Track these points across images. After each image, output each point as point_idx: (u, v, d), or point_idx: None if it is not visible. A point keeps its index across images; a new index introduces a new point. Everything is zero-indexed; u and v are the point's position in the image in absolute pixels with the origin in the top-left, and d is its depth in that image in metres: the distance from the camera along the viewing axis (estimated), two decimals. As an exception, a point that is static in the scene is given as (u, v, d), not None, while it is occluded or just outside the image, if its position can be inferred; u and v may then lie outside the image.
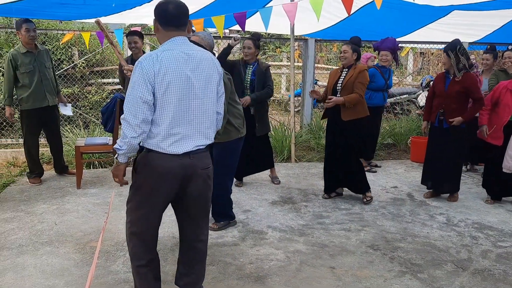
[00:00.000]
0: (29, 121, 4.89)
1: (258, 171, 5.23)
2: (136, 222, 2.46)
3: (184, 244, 2.61)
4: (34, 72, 4.77)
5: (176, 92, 2.25)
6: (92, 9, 5.42)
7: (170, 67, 2.23)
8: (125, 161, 2.38)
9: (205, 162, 2.45)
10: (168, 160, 2.32)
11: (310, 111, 7.54)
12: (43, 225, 3.90)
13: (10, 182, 5.05)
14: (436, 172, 4.75)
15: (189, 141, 2.34)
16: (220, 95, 2.54)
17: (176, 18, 2.33)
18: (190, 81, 2.29)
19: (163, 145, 2.30)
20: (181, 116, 2.29)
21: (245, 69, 4.82)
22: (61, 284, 2.94)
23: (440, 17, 6.77)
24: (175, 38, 2.33)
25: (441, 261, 3.41)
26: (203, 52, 2.41)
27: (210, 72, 2.39)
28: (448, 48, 4.47)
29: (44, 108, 4.89)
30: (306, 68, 7.42)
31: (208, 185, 2.50)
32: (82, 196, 4.66)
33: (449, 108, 4.53)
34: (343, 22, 6.76)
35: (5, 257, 3.30)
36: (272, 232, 3.88)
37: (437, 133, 4.70)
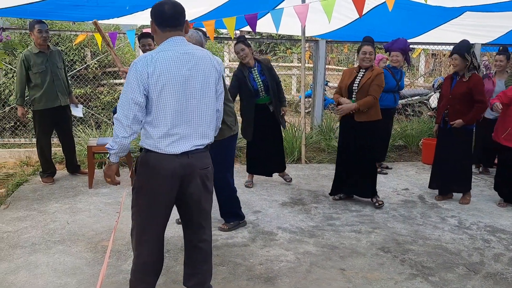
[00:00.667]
0: (42, 121, 4.95)
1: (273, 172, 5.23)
2: (141, 224, 2.45)
3: (187, 244, 2.61)
4: (46, 72, 4.83)
5: (172, 93, 2.26)
6: (105, 10, 5.48)
7: (165, 67, 2.24)
8: (116, 161, 2.41)
9: (204, 162, 2.45)
10: (166, 160, 2.32)
11: (321, 112, 7.52)
12: (55, 224, 3.94)
13: (23, 181, 5.12)
14: (444, 173, 4.71)
15: (187, 141, 2.34)
16: (220, 93, 2.54)
17: (172, 18, 2.33)
18: (187, 81, 2.29)
19: (161, 146, 2.31)
20: (179, 116, 2.30)
21: (251, 74, 4.73)
22: (73, 283, 2.97)
23: (452, 18, 6.72)
24: (171, 39, 2.34)
25: (452, 264, 3.38)
26: (200, 51, 2.40)
27: (207, 70, 2.39)
28: (464, 50, 4.37)
29: (56, 108, 4.95)
30: (317, 69, 7.40)
31: (206, 185, 2.49)
32: (94, 195, 4.70)
33: (453, 109, 4.51)
34: (354, 23, 6.75)
35: (18, 255, 3.34)
36: (282, 233, 3.88)
37: (443, 135, 4.68)
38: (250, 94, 4.75)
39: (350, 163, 4.54)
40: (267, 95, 4.83)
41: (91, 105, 7.33)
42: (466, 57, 4.37)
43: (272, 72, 4.87)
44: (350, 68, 4.60)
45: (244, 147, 6.65)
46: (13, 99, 4.78)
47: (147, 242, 2.46)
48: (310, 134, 7.09)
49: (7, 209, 4.27)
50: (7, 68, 6.83)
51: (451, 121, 4.53)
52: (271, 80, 4.79)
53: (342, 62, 16.06)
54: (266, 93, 4.82)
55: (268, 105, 4.89)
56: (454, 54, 4.45)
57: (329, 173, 5.81)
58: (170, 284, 2.98)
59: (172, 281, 3.02)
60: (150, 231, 2.45)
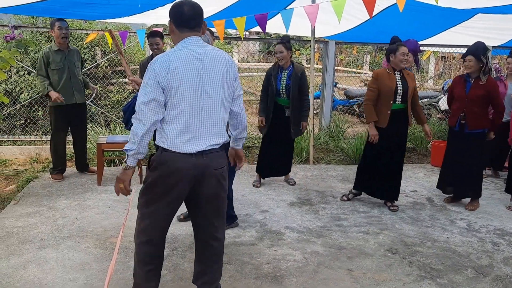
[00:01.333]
0: (57, 117, 5.01)
1: (277, 175, 5.27)
2: (145, 218, 2.47)
3: (199, 243, 2.62)
4: (64, 70, 4.93)
5: (187, 92, 2.27)
6: (117, 9, 5.51)
7: (181, 67, 2.26)
8: (134, 164, 2.36)
9: (219, 162, 2.44)
10: (181, 159, 2.33)
11: (329, 114, 7.51)
12: (64, 220, 3.97)
13: (33, 178, 5.16)
14: (457, 177, 4.65)
15: (202, 140, 2.35)
16: (238, 95, 2.54)
17: (191, 19, 2.35)
18: (202, 81, 2.30)
19: (176, 144, 2.31)
20: (194, 115, 2.30)
21: (279, 74, 4.88)
22: (81, 278, 2.99)
23: (463, 20, 6.67)
24: (188, 39, 2.35)
25: (461, 266, 3.36)
26: (217, 51, 2.41)
27: (223, 71, 2.39)
28: (480, 52, 4.30)
29: (72, 105, 5.01)
30: (326, 70, 7.39)
31: (222, 185, 2.49)
32: (103, 193, 4.73)
33: (471, 112, 4.43)
34: (364, 24, 6.73)
35: (28, 250, 3.37)
36: (290, 233, 3.88)
37: (458, 138, 4.60)
38: (272, 92, 4.88)
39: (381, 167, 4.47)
40: (288, 99, 4.89)
41: (100, 104, 7.38)
42: (482, 59, 4.30)
43: (300, 81, 4.86)
44: (383, 70, 4.40)
45: (252, 147, 6.67)
46: (42, 90, 4.86)
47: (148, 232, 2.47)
48: (318, 135, 7.08)
49: (17, 204, 4.32)
50: (18, 65, 6.90)
51: (468, 124, 4.45)
52: (294, 87, 4.83)
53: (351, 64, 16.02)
54: (288, 97, 4.89)
55: (285, 108, 4.93)
56: (469, 55, 4.37)
57: (337, 174, 5.81)
58: (178, 282, 2.99)
59: (179, 278, 3.03)
60: (153, 223, 2.45)
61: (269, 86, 4.91)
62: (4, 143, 6.58)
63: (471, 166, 4.55)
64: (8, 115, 6.85)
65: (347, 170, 5.95)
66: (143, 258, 2.52)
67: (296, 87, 4.85)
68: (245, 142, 6.64)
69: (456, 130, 4.59)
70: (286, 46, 4.78)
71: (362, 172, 4.63)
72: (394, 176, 4.50)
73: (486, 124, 4.49)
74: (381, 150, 4.44)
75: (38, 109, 7.02)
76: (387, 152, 4.43)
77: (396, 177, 4.53)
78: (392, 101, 4.32)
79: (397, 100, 4.32)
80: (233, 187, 5.07)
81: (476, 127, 4.46)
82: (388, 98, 4.31)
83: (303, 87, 4.90)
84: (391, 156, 4.44)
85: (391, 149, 4.43)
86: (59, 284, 2.90)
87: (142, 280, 2.55)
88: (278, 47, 4.81)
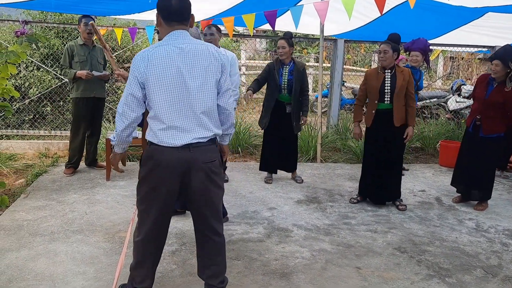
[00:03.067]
0: (77, 109, 5.10)
1: (282, 169, 5.29)
2: (142, 214, 2.49)
3: (198, 236, 2.62)
4: (86, 63, 5.04)
5: (167, 87, 2.29)
6: (126, 5, 5.53)
7: (160, 62, 2.27)
8: (119, 151, 2.56)
9: (207, 156, 2.42)
10: (167, 152, 2.34)
11: (337, 112, 7.50)
12: (74, 214, 4.00)
13: (42, 172, 5.20)
14: (468, 178, 4.62)
15: (187, 133, 2.34)
16: (225, 89, 2.49)
17: (179, 12, 2.35)
18: (182, 75, 2.30)
19: (161, 138, 2.34)
20: (176, 109, 2.32)
21: (281, 69, 4.91)
22: (91, 271, 3.01)
23: (473, 19, 6.62)
24: (173, 33, 2.36)
25: (470, 266, 3.35)
26: (201, 45, 2.39)
27: (207, 65, 2.37)
28: (509, 58, 4.14)
29: (92, 98, 5.08)
30: (334, 68, 7.37)
31: (212, 178, 2.45)
32: (112, 188, 4.75)
33: (487, 116, 4.36)
34: (373, 22, 6.70)
35: (38, 243, 3.40)
36: (298, 230, 3.88)
37: (472, 140, 4.54)
38: (275, 87, 4.91)
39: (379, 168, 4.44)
40: (289, 95, 4.90)
41: (109, 99, 7.41)
42: (510, 65, 4.14)
43: (302, 77, 4.91)
44: (373, 69, 4.45)
45: (259, 145, 6.67)
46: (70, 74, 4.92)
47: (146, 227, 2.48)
48: (326, 134, 7.07)
49: (26, 198, 4.35)
50: (27, 60, 6.94)
51: (483, 127, 4.39)
52: (296, 83, 4.86)
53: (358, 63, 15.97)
54: (288, 93, 4.91)
55: (286, 104, 4.94)
56: (496, 60, 4.23)
57: (344, 173, 5.80)
58: (186, 276, 3.00)
59: (188, 273, 3.04)
60: (149, 218, 2.46)
61: (270, 80, 4.91)
62: (13, 137, 6.63)
63: (485, 170, 4.49)
64: (17, 110, 6.89)
65: (354, 169, 5.93)
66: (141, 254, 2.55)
67: (299, 83, 4.88)
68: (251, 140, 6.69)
69: (471, 131, 4.53)
70: (288, 42, 4.81)
71: (362, 175, 4.62)
72: (390, 176, 4.46)
73: (501, 129, 4.38)
74: (373, 150, 4.45)
75: (46, 104, 7.06)
76: (378, 152, 4.41)
77: (392, 177, 4.48)
78: (377, 101, 4.30)
79: (385, 100, 4.28)
80: (241, 184, 5.11)
81: (490, 132, 4.39)
82: (373, 98, 4.32)
83: (304, 83, 4.96)
84: (384, 156, 4.39)
85: (380, 149, 4.39)
86: (69, 277, 2.93)
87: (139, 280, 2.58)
88: (280, 42, 4.84)
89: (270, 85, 4.95)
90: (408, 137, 4.32)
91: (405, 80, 4.24)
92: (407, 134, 4.31)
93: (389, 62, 4.25)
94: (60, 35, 7.25)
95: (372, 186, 4.53)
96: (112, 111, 7.29)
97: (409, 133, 4.31)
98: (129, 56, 7.83)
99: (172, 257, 3.24)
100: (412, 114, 4.32)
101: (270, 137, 5.11)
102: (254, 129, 7.10)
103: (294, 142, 5.22)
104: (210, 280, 2.62)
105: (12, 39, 6.89)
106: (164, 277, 2.98)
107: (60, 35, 7.25)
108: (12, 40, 6.86)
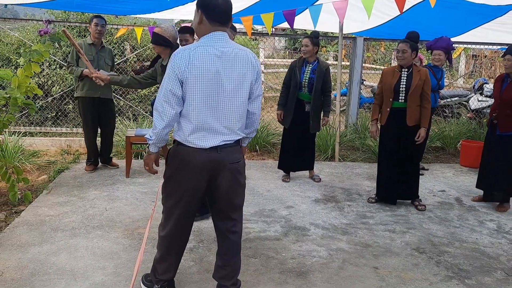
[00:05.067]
0: (83, 109, 5.13)
1: (299, 169, 5.28)
2: (167, 212, 2.54)
3: (218, 237, 2.66)
4: (93, 63, 5.02)
5: (204, 88, 2.28)
6: (146, 4, 5.59)
7: (201, 63, 2.26)
8: (155, 151, 2.48)
9: (234, 156, 2.46)
10: (195, 154, 2.36)
11: (356, 111, 7.44)
12: (94, 210, 4.08)
13: (64, 169, 5.31)
14: (489, 179, 4.54)
15: (216, 136, 2.36)
16: (257, 95, 2.51)
17: (225, 13, 2.34)
18: (220, 79, 2.30)
19: (190, 139, 2.34)
20: (209, 111, 2.32)
21: (303, 67, 4.91)
22: (110, 267, 3.07)
23: (496, 16, 6.48)
24: (214, 34, 2.33)
25: (490, 268, 3.29)
26: (240, 50, 2.40)
27: (244, 70, 2.37)
28: None
29: (97, 99, 5.10)
30: (353, 67, 7.32)
31: (237, 179, 2.50)
32: (131, 184, 4.83)
33: (502, 114, 4.29)
34: (393, 20, 6.62)
35: (60, 238, 3.48)
36: (315, 229, 3.87)
37: (490, 139, 4.48)
38: (295, 85, 4.91)
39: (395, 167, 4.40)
40: (309, 93, 4.90)
41: (129, 98, 7.51)
42: None
43: (325, 77, 4.89)
44: (391, 67, 4.45)
45: (277, 143, 6.67)
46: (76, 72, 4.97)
47: (171, 224, 2.54)
48: (344, 133, 7.03)
49: (49, 194, 4.45)
50: (50, 59, 7.09)
51: (499, 125, 4.33)
52: (318, 82, 4.85)
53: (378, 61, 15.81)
54: (309, 91, 4.90)
55: (305, 103, 4.94)
56: (508, 54, 4.19)
57: (363, 172, 5.76)
58: (203, 273, 3.03)
59: (205, 270, 3.07)
60: (174, 215, 2.51)
61: (292, 78, 4.93)
62: (37, 134, 6.79)
63: (505, 169, 4.41)
64: (41, 107, 7.05)
65: (373, 168, 5.88)
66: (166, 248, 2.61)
67: (320, 82, 4.86)
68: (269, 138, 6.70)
69: (489, 132, 4.47)
70: (312, 41, 4.82)
71: (379, 175, 4.58)
72: (403, 174, 4.40)
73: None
74: (387, 148, 4.42)
75: (68, 102, 7.20)
76: (392, 151, 4.37)
77: (406, 176, 4.42)
78: (392, 99, 4.28)
79: (400, 99, 4.25)
80: (258, 182, 5.13)
81: (506, 130, 4.32)
82: (388, 96, 4.31)
83: (327, 84, 4.92)
84: (398, 155, 4.35)
85: (394, 148, 4.35)
86: (89, 272, 2.99)
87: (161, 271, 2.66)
88: (305, 40, 4.87)
89: (292, 82, 4.95)
90: (420, 138, 4.26)
91: (421, 80, 4.19)
92: (419, 135, 4.26)
93: (407, 61, 4.22)
94: (82, 34, 7.39)
95: (386, 184, 4.49)
96: (132, 109, 7.40)
97: (421, 134, 4.25)
98: (149, 54, 7.92)
99: (189, 254, 3.28)
100: (425, 115, 4.25)
101: (288, 136, 5.12)
102: (272, 127, 7.11)
103: (312, 141, 5.21)
104: (222, 280, 2.65)
105: (36, 38, 7.05)
106: (181, 273, 3.01)
107: (82, 34, 7.39)
108: (36, 39, 7.02)
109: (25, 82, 3.88)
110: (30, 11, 9.31)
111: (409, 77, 4.23)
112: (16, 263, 3.05)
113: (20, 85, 3.84)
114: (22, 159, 5.29)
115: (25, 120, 7.07)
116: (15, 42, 7.25)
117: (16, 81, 3.82)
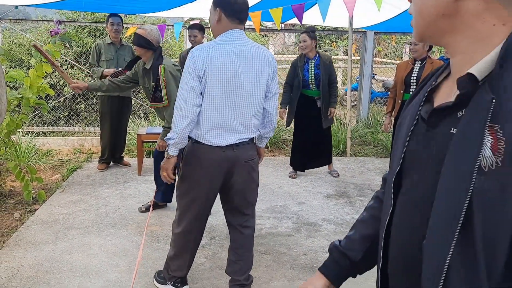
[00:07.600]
0: (102, 107, 5.20)
1: (318, 166, 5.25)
2: (182, 209, 2.55)
3: (231, 232, 2.68)
4: (113, 62, 5.11)
5: (222, 86, 2.27)
6: (156, 3, 5.61)
7: (219, 61, 2.25)
8: (175, 153, 2.42)
9: (249, 154, 2.48)
10: (212, 151, 2.36)
11: (367, 106, 7.39)
12: (107, 208, 4.11)
13: (77, 168, 5.36)
14: None
15: (233, 134, 2.37)
16: (273, 94, 2.51)
17: (243, 12, 2.34)
18: (238, 77, 2.29)
19: (207, 137, 2.34)
20: (227, 109, 2.31)
21: (306, 65, 4.87)
22: (124, 264, 3.10)
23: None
24: (232, 32, 2.33)
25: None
26: (257, 48, 2.39)
27: (261, 69, 2.37)
28: None
29: (116, 97, 5.15)
30: (364, 61, 7.27)
31: (252, 176, 2.53)
32: (143, 182, 4.86)
33: None
34: (404, 13, 6.54)
35: (74, 236, 3.52)
36: (327, 224, 3.86)
37: None
38: (298, 84, 4.86)
39: None
40: (318, 89, 4.86)
41: (140, 96, 7.55)
42: None
43: (329, 70, 4.86)
44: (405, 61, 4.48)
45: (288, 139, 6.66)
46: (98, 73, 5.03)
47: (186, 221, 2.55)
48: (355, 128, 6.99)
49: (62, 193, 4.50)
50: (62, 59, 7.15)
51: None
52: (324, 76, 4.81)
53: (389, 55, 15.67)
54: (317, 87, 4.86)
55: (316, 99, 4.91)
56: None
57: (374, 167, 5.72)
58: (215, 270, 3.04)
59: (217, 266, 3.08)
60: (190, 213, 2.53)
61: (296, 76, 4.89)
62: (50, 134, 6.87)
63: None
64: (53, 107, 7.12)
65: (385, 163, 5.84)
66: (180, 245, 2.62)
67: (327, 76, 4.83)
68: (280, 135, 6.68)
69: None
70: (310, 35, 4.76)
71: None
72: None
73: None
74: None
75: (81, 102, 7.27)
76: None
77: None
78: (403, 91, 4.32)
79: (410, 91, 4.24)
80: (270, 178, 5.12)
81: None
82: (400, 88, 4.37)
83: (332, 75, 4.90)
84: None
85: None
86: (103, 269, 3.02)
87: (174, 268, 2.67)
88: (302, 36, 4.83)
89: (295, 82, 4.90)
90: None
91: None
92: None
93: (419, 54, 4.22)
94: (92, 34, 7.44)
95: None
96: (143, 108, 7.44)
97: None
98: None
99: (202, 251, 3.29)
100: None
101: (300, 135, 5.08)
102: (283, 123, 7.08)
103: (328, 136, 5.18)
104: (235, 275, 2.66)
105: (47, 39, 7.12)
106: (193, 270, 3.02)
107: (92, 34, 7.44)
108: (47, 40, 7.09)
109: (37, 82, 3.92)
110: (42, 12, 9.40)
111: (421, 69, 4.22)
112: (31, 261, 3.09)
113: (32, 85, 3.89)
114: (35, 158, 5.36)
115: (38, 120, 7.16)
116: (27, 43, 7.33)
117: (28, 82, 3.87)
